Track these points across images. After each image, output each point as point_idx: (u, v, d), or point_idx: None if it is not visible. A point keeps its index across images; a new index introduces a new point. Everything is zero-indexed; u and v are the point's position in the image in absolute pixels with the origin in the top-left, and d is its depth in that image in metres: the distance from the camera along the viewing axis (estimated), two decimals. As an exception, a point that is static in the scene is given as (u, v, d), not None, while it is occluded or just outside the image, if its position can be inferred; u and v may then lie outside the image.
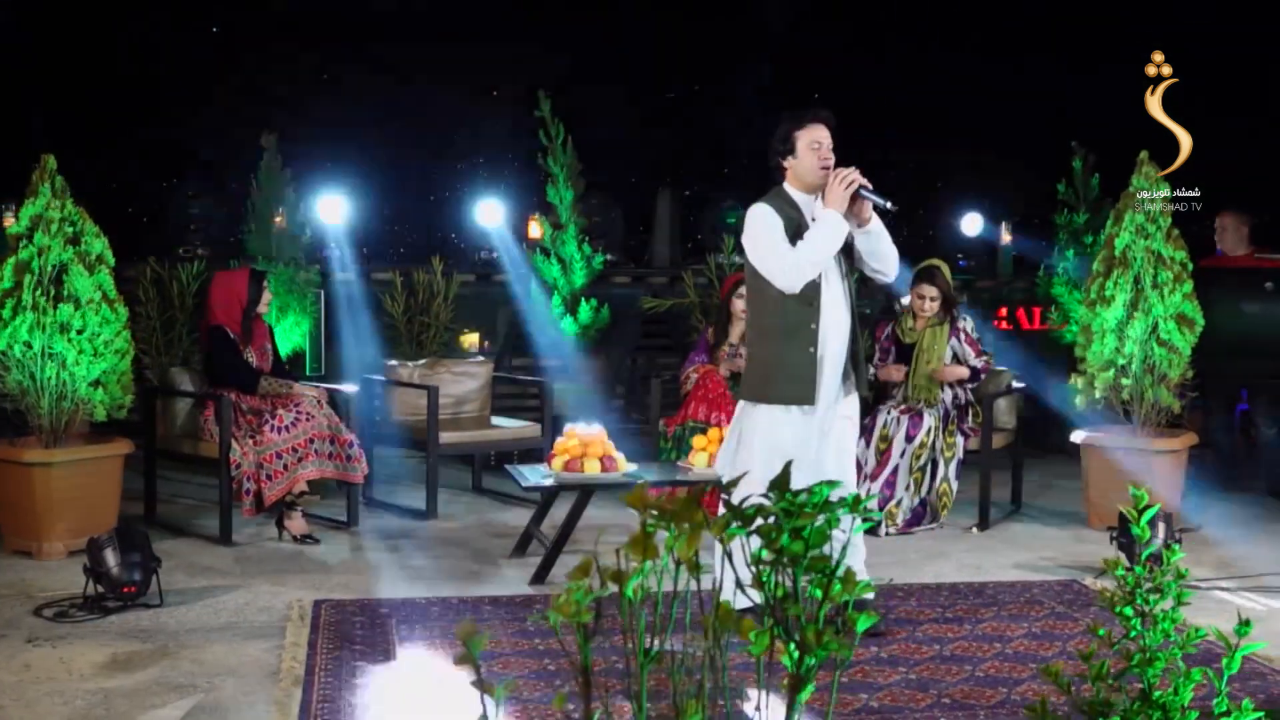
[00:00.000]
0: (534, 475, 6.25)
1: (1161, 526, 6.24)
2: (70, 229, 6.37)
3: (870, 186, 5.09)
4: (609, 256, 10.76)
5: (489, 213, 10.40)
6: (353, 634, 5.22)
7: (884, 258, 5.26)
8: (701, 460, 6.42)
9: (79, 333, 6.35)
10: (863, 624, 1.45)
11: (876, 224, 5.20)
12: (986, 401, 7.43)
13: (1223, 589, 6.12)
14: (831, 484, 1.57)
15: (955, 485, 7.36)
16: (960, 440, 7.40)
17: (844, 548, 1.55)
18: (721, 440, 6.50)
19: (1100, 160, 9.94)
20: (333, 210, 9.93)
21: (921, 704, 4.46)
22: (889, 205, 5.11)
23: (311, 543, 6.79)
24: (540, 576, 6.05)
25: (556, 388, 10.00)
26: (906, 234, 14.23)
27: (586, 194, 10.47)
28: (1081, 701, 2.31)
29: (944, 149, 13.87)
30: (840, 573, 1.48)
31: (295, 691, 4.51)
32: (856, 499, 1.56)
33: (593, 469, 6.18)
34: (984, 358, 7.54)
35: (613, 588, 1.68)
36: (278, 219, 9.64)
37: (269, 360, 7.23)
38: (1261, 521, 7.64)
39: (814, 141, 5.18)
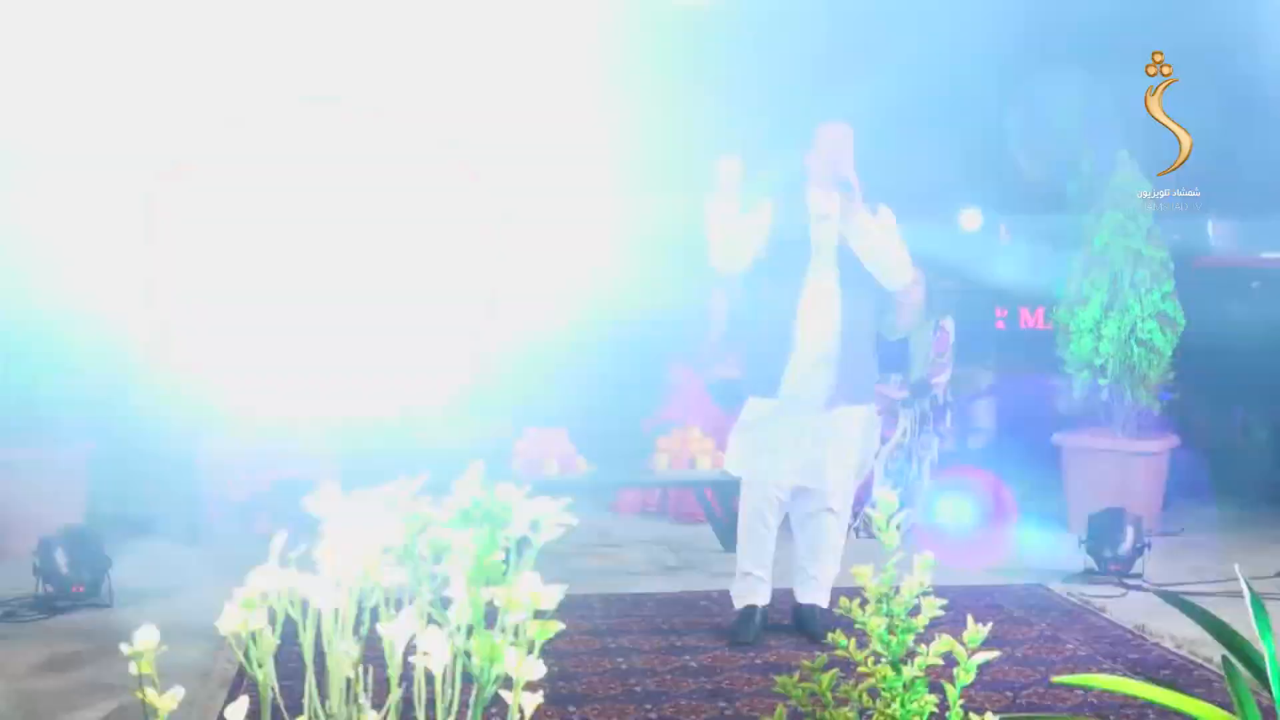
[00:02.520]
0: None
1: (1130, 530, 6.12)
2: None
3: (848, 179, 5.01)
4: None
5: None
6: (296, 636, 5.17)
7: (872, 259, 5.09)
8: (663, 461, 6.36)
9: (42, 332, 6.37)
10: (540, 635, 1.39)
11: (863, 221, 5.05)
12: (964, 402, 7.34)
13: (1189, 593, 5.99)
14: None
15: (929, 485, 7.26)
16: (936, 441, 7.30)
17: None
18: (686, 441, 6.47)
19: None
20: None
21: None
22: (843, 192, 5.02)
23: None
24: (497, 578, 6.00)
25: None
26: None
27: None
28: (815, 714, 2.24)
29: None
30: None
31: (221, 694, 4.48)
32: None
33: (552, 470, 6.13)
34: (940, 359, 7.35)
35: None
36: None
37: (240, 360, 7.22)
38: (1246, 525, 7.50)
39: (825, 137, 5.17)
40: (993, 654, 2.22)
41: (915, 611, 2.26)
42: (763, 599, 5.29)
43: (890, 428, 7.19)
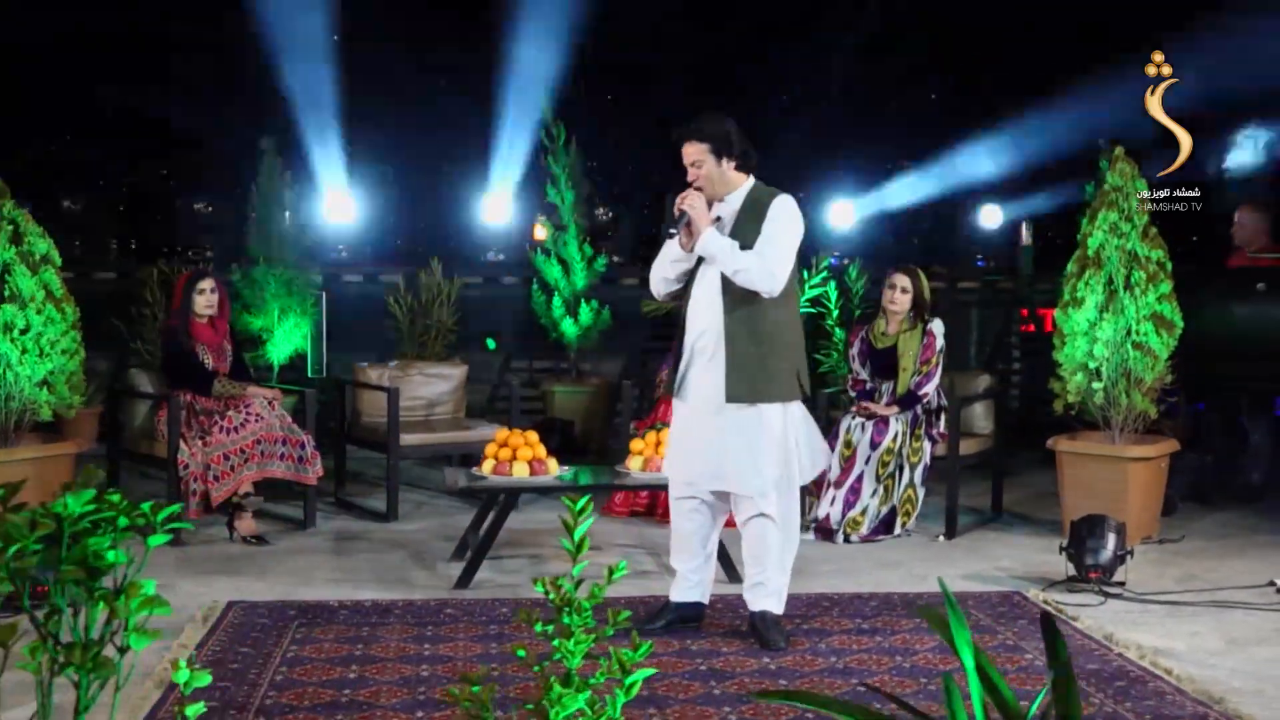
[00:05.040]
0: (466, 478, 6.21)
1: (1111, 538, 5.97)
2: (10, 229, 6.43)
3: (684, 215, 5.10)
4: (615, 258, 10.68)
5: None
6: (247, 637, 5.18)
7: (735, 279, 5.08)
8: (637, 464, 6.29)
9: (23, 332, 6.41)
10: (139, 643, 1.34)
11: (708, 245, 5.06)
12: (958, 406, 7.19)
13: (1166, 602, 5.84)
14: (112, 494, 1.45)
15: (921, 491, 7.12)
16: (928, 445, 7.16)
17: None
18: (659, 444, 6.40)
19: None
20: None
21: (783, 717, 4.30)
22: (671, 230, 5.14)
23: (260, 544, 6.79)
24: (464, 580, 5.97)
25: (558, 390, 9.98)
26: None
27: (594, 195, 10.44)
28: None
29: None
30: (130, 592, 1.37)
31: (155, 694, 4.48)
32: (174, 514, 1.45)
33: (521, 472, 6.09)
34: (925, 367, 7.20)
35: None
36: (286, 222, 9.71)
37: (227, 361, 7.24)
38: (1247, 532, 7.31)
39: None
40: (649, 671, 2.14)
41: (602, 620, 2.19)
42: (683, 596, 5.35)
43: (881, 433, 7.08)
